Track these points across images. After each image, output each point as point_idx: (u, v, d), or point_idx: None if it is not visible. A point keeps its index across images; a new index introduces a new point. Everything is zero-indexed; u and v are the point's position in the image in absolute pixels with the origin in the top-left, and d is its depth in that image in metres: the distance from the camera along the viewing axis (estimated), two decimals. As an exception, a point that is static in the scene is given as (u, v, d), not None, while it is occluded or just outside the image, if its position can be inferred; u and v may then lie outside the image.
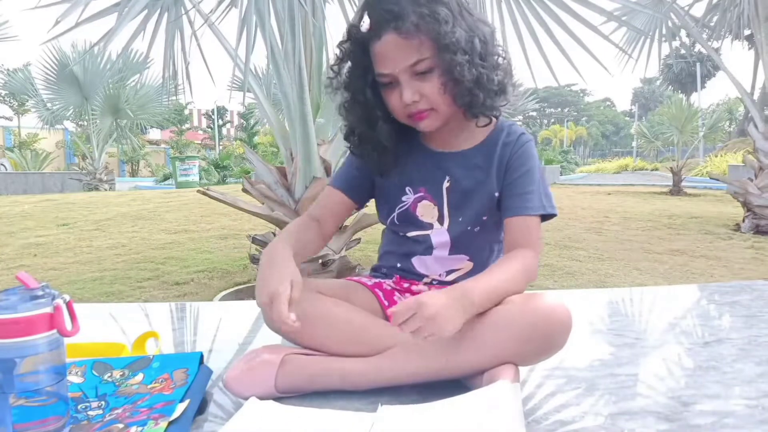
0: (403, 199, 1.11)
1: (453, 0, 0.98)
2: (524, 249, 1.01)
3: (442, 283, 1.12)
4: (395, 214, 1.13)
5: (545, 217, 1.06)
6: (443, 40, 0.94)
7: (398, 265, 1.15)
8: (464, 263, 1.12)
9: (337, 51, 1.05)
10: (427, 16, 0.94)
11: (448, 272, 1.12)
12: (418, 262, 1.13)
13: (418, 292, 1.13)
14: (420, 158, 1.11)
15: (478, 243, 1.10)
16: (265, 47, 2.61)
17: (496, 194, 1.07)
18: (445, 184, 1.09)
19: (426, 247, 1.11)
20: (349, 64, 1.03)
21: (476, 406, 0.81)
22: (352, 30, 1.00)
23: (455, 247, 1.10)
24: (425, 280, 1.14)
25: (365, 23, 0.97)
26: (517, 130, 1.09)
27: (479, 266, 1.11)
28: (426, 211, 1.10)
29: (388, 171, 1.12)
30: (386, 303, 1.11)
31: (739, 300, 1.64)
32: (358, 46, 1.00)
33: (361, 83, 1.02)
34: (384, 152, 1.09)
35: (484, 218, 1.09)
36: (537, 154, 1.09)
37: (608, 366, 1.11)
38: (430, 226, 1.11)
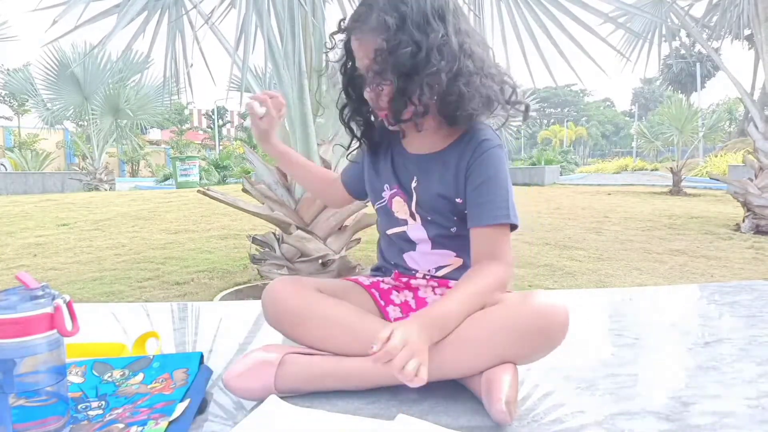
0: (383, 195, 1.14)
1: (429, 5, 0.98)
2: (490, 262, 1.00)
3: (436, 279, 1.13)
4: (377, 209, 1.17)
5: (513, 227, 1.03)
6: (394, 49, 0.96)
7: (393, 261, 1.16)
8: (452, 259, 1.11)
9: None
10: (390, 24, 0.95)
11: (437, 268, 1.12)
12: (408, 258, 1.14)
13: (417, 287, 1.13)
14: (397, 159, 1.14)
15: (460, 241, 1.09)
16: (264, 47, 2.61)
17: (458, 200, 1.06)
18: (413, 184, 1.10)
19: (408, 242, 1.12)
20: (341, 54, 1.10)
21: None
22: (340, 23, 1.06)
23: (437, 243, 1.10)
24: (419, 274, 1.14)
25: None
26: (482, 135, 1.04)
27: (468, 262, 1.09)
28: (399, 207, 1.12)
29: (377, 145, 1.17)
30: (382, 303, 1.12)
31: (739, 300, 1.64)
32: (347, 40, 1.06)
33: (347, 72, 1.10)
34: (369, 126, 1.15)
35: (455, 218, 1.08)
36: (503, 160, 1.04)
37: (608, 366, 1.12)
38: (404, 222, 1.12)
